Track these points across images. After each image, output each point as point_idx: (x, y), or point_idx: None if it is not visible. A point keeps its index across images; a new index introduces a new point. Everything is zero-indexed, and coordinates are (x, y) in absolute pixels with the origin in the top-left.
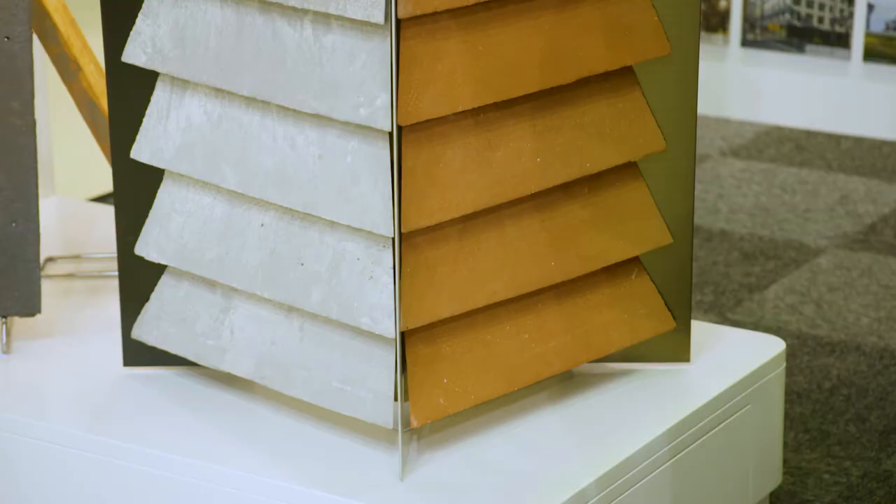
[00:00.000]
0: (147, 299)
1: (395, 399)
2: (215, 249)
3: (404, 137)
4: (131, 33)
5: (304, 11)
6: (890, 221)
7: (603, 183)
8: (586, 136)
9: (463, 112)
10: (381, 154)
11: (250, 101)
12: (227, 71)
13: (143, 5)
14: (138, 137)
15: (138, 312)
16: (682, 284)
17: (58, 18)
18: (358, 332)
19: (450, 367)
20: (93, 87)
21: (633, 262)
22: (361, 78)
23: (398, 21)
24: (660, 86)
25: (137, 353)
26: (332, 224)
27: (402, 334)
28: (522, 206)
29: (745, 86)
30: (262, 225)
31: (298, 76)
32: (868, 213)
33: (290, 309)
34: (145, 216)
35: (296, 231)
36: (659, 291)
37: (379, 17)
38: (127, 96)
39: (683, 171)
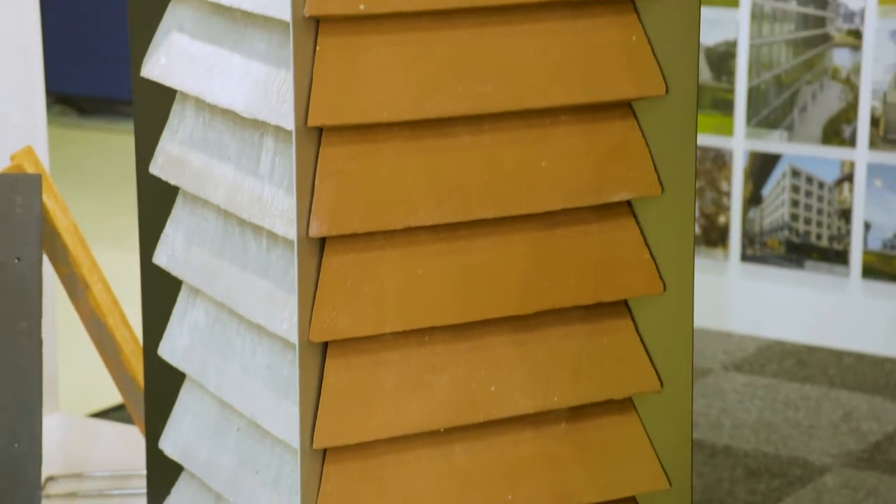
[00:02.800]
0: (169, 493)
1: None
2: (206, 450)
3: (329, 353)
4: (161, 236)
5: (262, 227)
6: (894, 440)
7: (584, 416)
8: (555, 370)
9: (404, 332)
10: None
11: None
12: (210, 277)
13: (172, 211)
14: (164, 336)
15: None
16: None
17: (68, 239)
18: None
19: None
20: (100, 306)
21: (627, 502)
22: (290, 292)
23: (322, 239)
24: (653, 317)
25: None
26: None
27: None
28: (476, 431)
29: (746, 300)
30: (238, 430)
31: (252, 287)
32: (872, 432)
33: None
34: (170, 411)
35: (257, 439)
36: None
37: (292, 235)
38: (159, 296)
39: (680, 408)
